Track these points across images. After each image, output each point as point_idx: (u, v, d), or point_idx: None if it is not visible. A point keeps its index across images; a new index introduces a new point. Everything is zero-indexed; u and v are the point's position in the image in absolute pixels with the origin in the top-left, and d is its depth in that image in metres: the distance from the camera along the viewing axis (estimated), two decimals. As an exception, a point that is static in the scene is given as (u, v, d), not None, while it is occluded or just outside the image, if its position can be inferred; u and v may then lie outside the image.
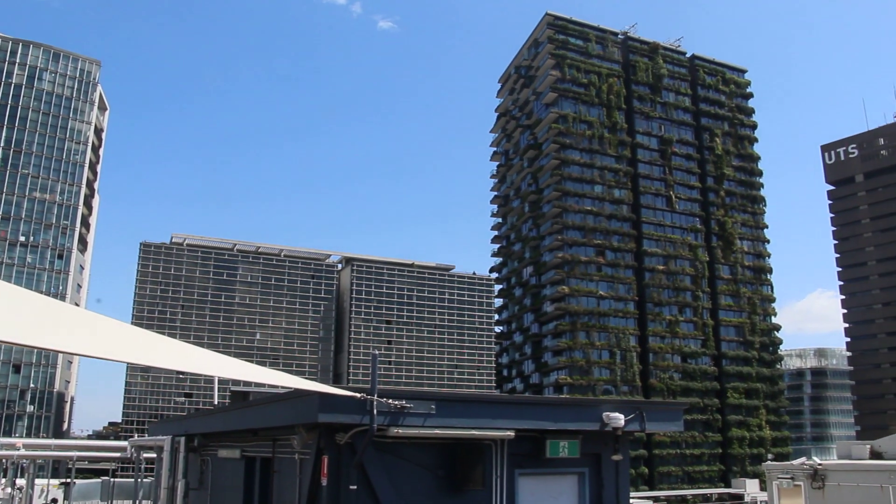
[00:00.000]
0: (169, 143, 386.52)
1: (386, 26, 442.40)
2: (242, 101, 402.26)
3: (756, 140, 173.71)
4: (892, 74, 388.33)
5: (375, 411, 13.65)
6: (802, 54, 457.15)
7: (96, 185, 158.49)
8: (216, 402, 61.77)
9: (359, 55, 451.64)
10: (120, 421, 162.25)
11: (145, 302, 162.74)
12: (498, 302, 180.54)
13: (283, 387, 15.03)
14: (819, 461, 36.18)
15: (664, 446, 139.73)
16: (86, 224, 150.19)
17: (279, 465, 17.59)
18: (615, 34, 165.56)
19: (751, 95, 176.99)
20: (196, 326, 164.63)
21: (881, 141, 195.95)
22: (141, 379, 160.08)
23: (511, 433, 15.49)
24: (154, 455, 26.52)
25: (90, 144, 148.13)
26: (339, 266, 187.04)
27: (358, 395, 13.54)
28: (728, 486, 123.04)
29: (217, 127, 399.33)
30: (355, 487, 14.18)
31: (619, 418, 16.68)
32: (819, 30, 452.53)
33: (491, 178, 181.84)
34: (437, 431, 14.55)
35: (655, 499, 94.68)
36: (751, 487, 72.95)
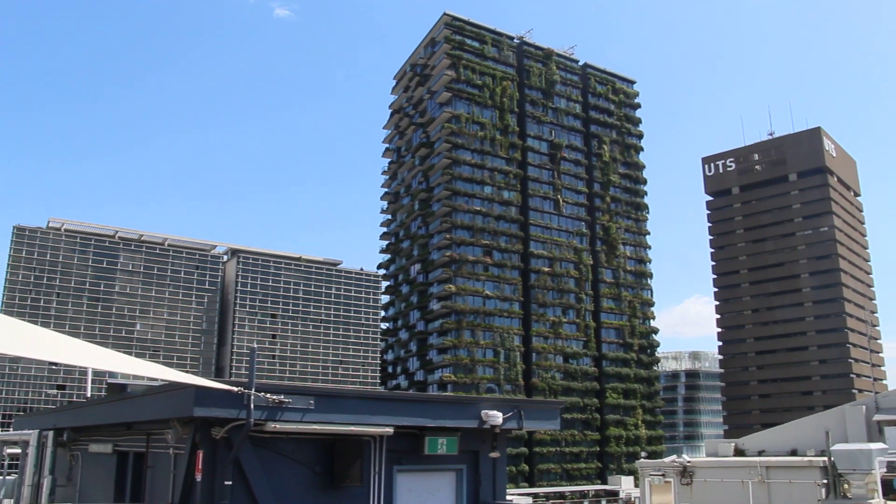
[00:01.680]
0: (48, 123, 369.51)
1: (282, 14, 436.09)
2: (130, 86, 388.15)
3: (642, 149, 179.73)
4: (767, 95, 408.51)
5: (253, 406, 13.53)
6: (687, 71, 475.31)
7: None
8: (90, 395, 59.54)
9: (252, 42, 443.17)
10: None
11: (17, 289, 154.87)
12: (385, 299, 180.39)
13: (161, 379, 14.72)
14: (688, 458, 37.99)
15: (544, 444, 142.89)
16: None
17: (153, 460, 17.21)
18: (511, 38, 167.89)
19: (638, 106, 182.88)
20: (72, 316, 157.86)
21: (756, 156, 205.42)
22: (9, 370, 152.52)
23: (390, 429, 15.61)
24: (19, 451, 25.42)
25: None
26: (225, 257, 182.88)
27: (235, 388, 13.40)
28: (605, 483, 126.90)
29: (101, 110, 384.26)
30: (231, 483, 14.01)
31: (497, 416, 17.05)
32: (704, 50, 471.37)
33: (382, 174, 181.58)
34: (315, 427, 14.53)
35: (535, 495, 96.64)
36: (626, 484, 75.48)
